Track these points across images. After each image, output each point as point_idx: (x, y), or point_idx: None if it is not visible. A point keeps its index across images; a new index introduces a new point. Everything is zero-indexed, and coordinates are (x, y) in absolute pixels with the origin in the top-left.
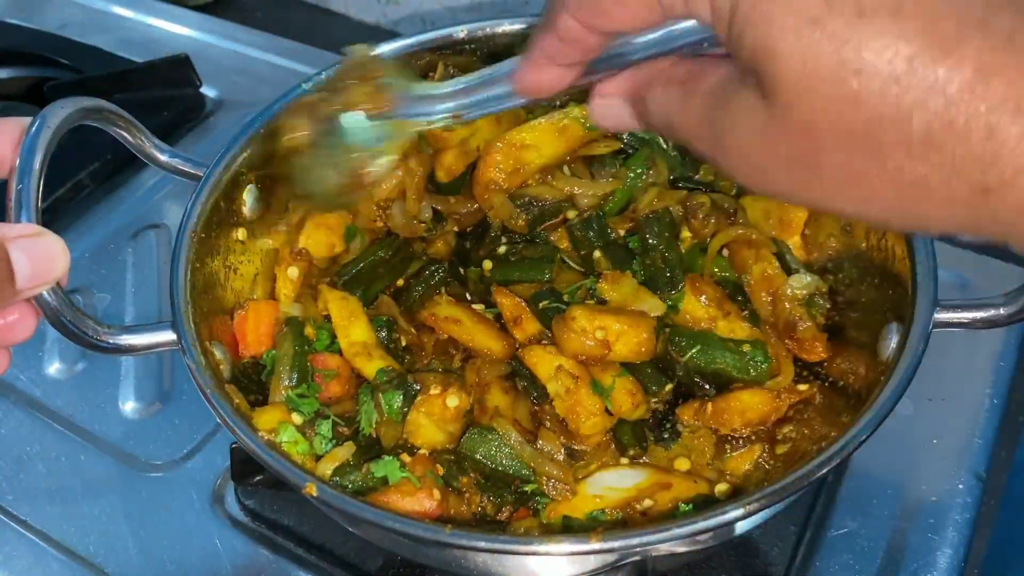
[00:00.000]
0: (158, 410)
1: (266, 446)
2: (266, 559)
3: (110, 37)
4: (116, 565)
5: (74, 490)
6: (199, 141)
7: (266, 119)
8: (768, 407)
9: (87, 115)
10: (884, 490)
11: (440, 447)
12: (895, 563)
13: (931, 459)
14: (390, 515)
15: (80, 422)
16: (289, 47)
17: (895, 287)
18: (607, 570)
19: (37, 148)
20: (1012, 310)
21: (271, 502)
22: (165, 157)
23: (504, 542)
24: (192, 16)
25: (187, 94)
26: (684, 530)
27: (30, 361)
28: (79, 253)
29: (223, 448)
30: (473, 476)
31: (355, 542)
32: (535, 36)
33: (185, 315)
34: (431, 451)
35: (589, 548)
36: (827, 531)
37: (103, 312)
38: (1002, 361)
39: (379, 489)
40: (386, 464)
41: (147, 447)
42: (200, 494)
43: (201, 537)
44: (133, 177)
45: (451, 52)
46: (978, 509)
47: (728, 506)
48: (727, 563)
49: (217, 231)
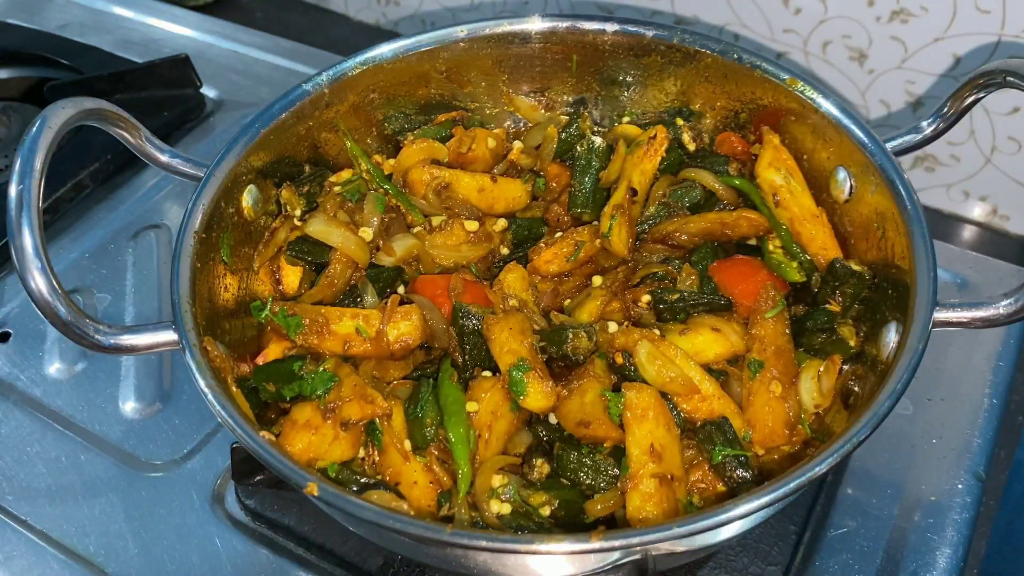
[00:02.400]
0: (158, 410)
1: (267, 445)
2: (266, 559)
3: (110, 37)
4: (116, 565)
5: (74, 490)
6: (199, 141)
7: (266, 120)
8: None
9: (87, 116)
10: (884, 490)
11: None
12: (894, 562)
13: (930, 459)
14: (390, 514)
15: (80, 422)
16: (289, 47)
17: (894, 287)
18: (607, 569)
19: (38, 149)
20: (1011, 310)
21: (271, 502)
22: (165, 157)
23: (504, 541)
24: (192, 16)
25: (187, 94)
26: (684, 529)
27: (30, 361)
28: (79, 253)
29: (223, 448)
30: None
31: (355, 541)
32: None
33: (186, 315)
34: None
35: (589, 547)
36: (827, 531)
37: (103, 312)
38: (1001, 361)
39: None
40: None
41: (147, 447)
42: (200, 494)
43: (201, 537)
44: (133, 177)
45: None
46: (977, 509)
47: (728, 506)
48: (727, 562)
49: (218, 231)
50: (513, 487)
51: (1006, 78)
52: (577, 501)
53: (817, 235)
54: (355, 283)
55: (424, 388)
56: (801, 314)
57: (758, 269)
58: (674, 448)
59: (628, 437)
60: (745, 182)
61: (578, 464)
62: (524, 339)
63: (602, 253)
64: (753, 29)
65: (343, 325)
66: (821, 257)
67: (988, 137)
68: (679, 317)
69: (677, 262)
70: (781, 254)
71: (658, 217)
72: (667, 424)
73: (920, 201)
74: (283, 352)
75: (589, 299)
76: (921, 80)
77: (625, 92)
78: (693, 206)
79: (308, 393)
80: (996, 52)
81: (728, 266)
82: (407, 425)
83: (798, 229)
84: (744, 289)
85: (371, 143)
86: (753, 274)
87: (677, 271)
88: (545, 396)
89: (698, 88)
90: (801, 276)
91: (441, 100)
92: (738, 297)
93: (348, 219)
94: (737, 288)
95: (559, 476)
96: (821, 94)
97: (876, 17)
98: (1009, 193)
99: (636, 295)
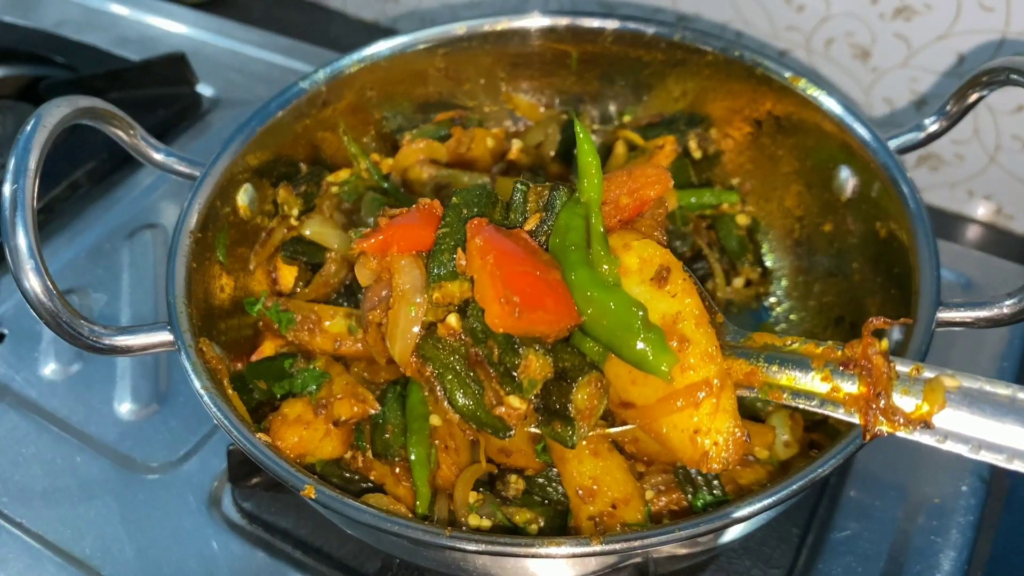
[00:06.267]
0: (154, 412)
1: (264, 447)
2: (263, 562)
3: (106, 35)
4: (112, 568)
5: (70, 492)
6: (195, 140)
7: (262, 118)
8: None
9: (83, 114)
10: (887, 492)
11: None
12: (898, 565)
13: (934, 461)
14: (388, 517)
15: (76, 424)
16: (286, 45)
17: (898, 286)
18: (608, 572)
19: (32, 147)
20: (1015, 309)
21: (268, 504)
22: (161, 156)
23: (505, 545)
24: (188, 14)
25: (183, 92)
26: (685, 532)
27: (25, 362)
28: (75, 253)
29: (220, 450)
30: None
31: (353, 544)
32: None
33: (181, 316)
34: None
35: (590, 550)
36: (830, 533)
37: (99, 313)
38: (1005, 361)
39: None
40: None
41: (143, 449)
42: (197, 496)
43: (198, 540)
44: (129, 176)
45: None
46: (982, 511)
47: (728, 509)
48: (729, 565)
49: (214, 231)
50: (491, 506)
51: (1009, 76)
52: (559, 516)
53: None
54: (350, 283)
55: (390, 394)
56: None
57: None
58: (611, 474)
59: (561, 476)
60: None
61: (543, 483)
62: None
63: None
64: (755, 26)
65: (335, 324)
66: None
67: (992, 135)
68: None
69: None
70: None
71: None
72: (593, 451)
73: (923, 200)
74: (276, 350)
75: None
76: (924, 78)
77: (626, 90)
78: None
79: (299, 390)
80: (1000, 50)
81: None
82: (368, 430)
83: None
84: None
85: (369, 142)
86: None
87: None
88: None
89: (700, 88)
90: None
91: (440, 98)
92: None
93: (345, 220)
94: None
95: (531, 494)
96: (824, 92)
97: (880, 14)
98: (1013, 192)
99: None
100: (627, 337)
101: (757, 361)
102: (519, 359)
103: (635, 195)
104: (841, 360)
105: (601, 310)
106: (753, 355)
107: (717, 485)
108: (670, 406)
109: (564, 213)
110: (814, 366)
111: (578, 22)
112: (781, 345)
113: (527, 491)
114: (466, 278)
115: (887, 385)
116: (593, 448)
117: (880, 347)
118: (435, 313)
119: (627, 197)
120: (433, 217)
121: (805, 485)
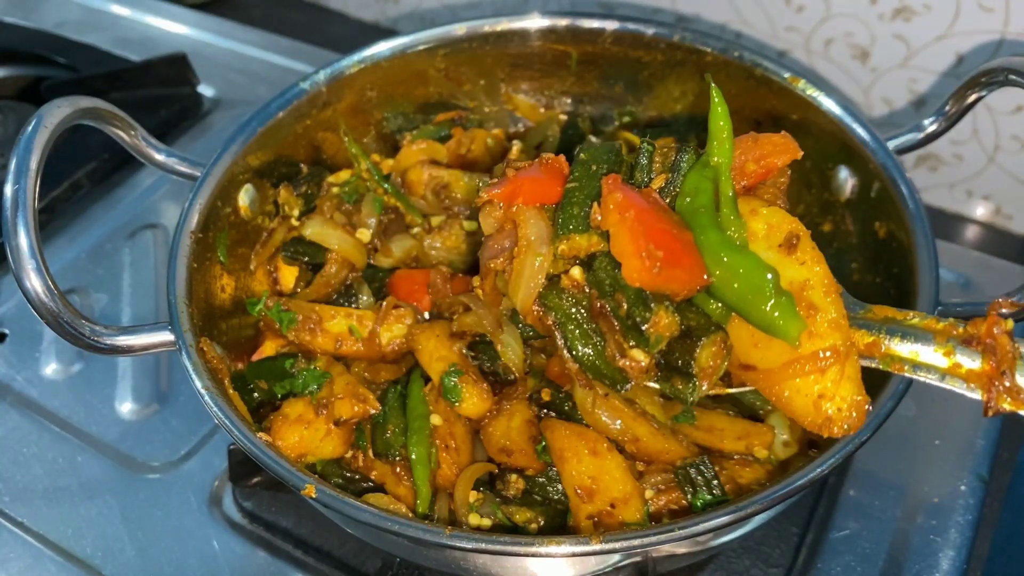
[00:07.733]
0: (155, 411)
1: (264, 446)
2: (264, 561)
3: (107, 35)
4: (113, 567)
5: (71, 492)
6: (196, 140)
7: (263, 119)
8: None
9: (84, 115)
10: (886, 491)
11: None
12: (897, 564)
13: (933, 460)
14: (388, 516)
15: (77, 423)
16: (287, 45)
17: (897, 286)
18: (608, 571)
19: (34, 148)
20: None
21: (269, 504)
22: (162, 156)
23: (505, 544)
24: (189, 14)
25: (184, 93)
26: (684, 531)
27: (26, 362)
28: (76, 253)
29: (221, 450)
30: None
31: (354, 543)
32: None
33: (182, 315)
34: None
35: (590, 549)
36: (829, 532)
37: (100, 313)
38: None
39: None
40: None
41: (144, 448)
42: (198, 496)
43: (199, 539)
44: (130, 177)
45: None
46: (980, 510)
47: (728, 508)
48: (728, 564)
49: (215, 231)
50: (491, 505)
51: (1008, 76)
52: (559, 516)
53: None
54: (351, 283)
55: (391, 394)
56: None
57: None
58: (610, 473)
59: (561, 475)
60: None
61: (543, 483)
62: (453, 344)
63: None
64: (755, 27)
65: (336, 324)
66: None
67: (991, 136)
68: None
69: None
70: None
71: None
72: (592, 451)
73: (922, 200)
74: (277, 350)
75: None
76: (924, 78)
77: (625, 91)
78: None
79: (300, 390)
80: (999, 50)
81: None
82: (369, 430)
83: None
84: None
85: (369, 142)
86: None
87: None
88: (482, 400)
89: (700, 88)
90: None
91: (440, 99)
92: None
93: (345, 220)
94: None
95: (531, 494)
96: (823, 92)
97: (879, 15)
98: (1012, 192)
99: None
100: (757, 300)
101: (879, 333)
102: (650, 314)
103: (761, 162)
104: (964, 337)
105: (731, 273)
106: (875, 327)
107: (716, 485)
108: (795, 371)
109: (692, 175)
110: (936, 341)
111: (578, 23)
112: (902, 319)
113: (527, 491)
114: (596, 232)
115: (1012, 364)
116: (592, 447)
117: (1006, 327)
118: (557, 265)
119: (753, 163)
120: (558, 172)
121: (804, 484)
